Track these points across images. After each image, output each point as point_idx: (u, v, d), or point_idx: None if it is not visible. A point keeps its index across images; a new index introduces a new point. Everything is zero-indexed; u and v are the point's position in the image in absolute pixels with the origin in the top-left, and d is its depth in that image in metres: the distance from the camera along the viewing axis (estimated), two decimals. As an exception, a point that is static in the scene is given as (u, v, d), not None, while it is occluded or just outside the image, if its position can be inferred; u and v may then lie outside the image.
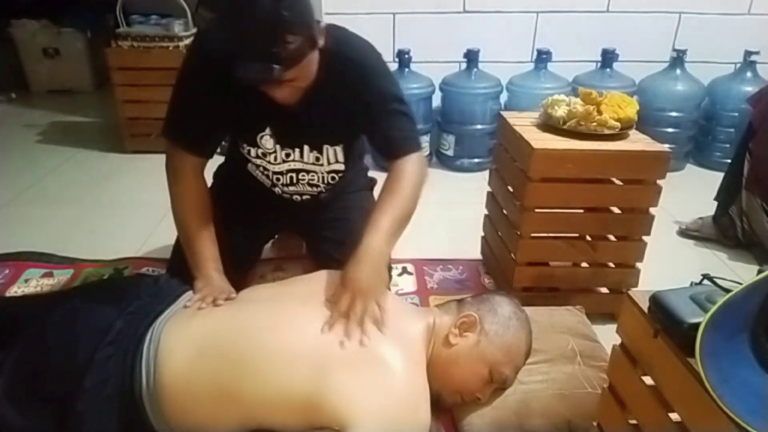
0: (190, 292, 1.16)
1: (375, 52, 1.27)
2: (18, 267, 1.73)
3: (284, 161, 1.34)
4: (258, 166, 1.36)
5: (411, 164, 1.25)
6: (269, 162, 1.34)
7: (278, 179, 1.38)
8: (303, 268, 1.41)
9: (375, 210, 1.20)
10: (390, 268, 1.55)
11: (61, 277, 1.69)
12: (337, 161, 1.36)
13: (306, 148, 1.32)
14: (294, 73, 1.06)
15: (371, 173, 1.64)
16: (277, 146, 1.31)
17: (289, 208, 1.44)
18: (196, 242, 1.26)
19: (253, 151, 1.33)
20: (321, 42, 1.11)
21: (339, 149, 1.34)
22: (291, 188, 1.40)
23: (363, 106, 1.23)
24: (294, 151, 1.32)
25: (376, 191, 1.62)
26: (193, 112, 1.23)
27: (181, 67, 1.24)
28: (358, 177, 1.55)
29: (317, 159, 1.34)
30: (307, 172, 1.36)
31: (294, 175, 1.37)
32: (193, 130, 1.26)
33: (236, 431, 0.99)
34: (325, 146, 1.32)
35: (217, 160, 1.47)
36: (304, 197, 1.43)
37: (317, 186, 1.40)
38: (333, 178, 1.39)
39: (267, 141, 1.30)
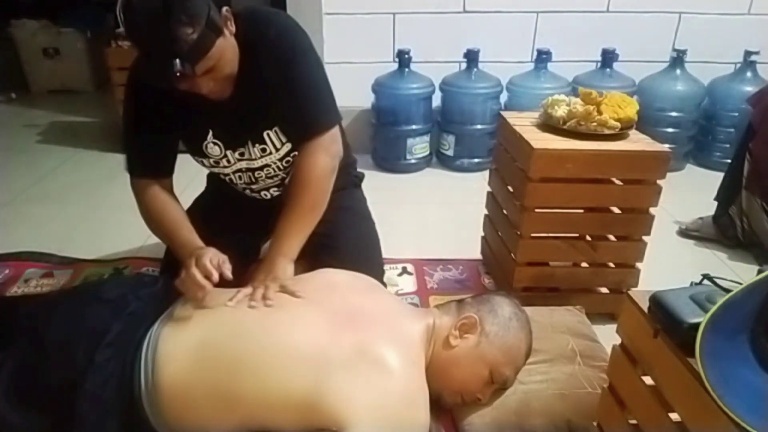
0: None
1: (291, 24, 1.23)
2: (18, 267, 1.73)
3: (238, 161, 1.33)
4: (219, 174, 1.37)
5: (320, 152, 1.23)
6: (224, 167, 1.34)
7: (239, 178, 1.38)
8: (301, 269, 1.40)
9: (281, 221, 1.22)
10: (382, 263, 1.54)
11: (61, 277, 1.69)
12: (282, 143, 1.31)
13: (249, 143, 1.30)
14: (205, 64, 1.06)
15: (360, 168, 1.63)
16: (227, 151, 1.30)
17: (266, 208, 1.42)
18: (177, 234, 1.23)
19: (206, 162, 1.33)
20: (232, 28, 1.11)
21: (278, 130, 1.29)
22: (254, 186, 1.40)
23: (285, 84, 1.21)
24: (236, 152, 1.31)
25: (365, 186, 1.63)
26: (146, 141, 1.25)
27: (123, 101, 1.25)
28: (344, 173, 1.50)
29: (263, 150, 1.31)
30: (260, 168, 1.35)
31: (250, 174, 1.36)
32: (152, 159, 1.27)
33: None
34: (265, 133, 1.29)
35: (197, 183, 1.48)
36: (272, 190, 1.42)
37: (277, 175, 1.38)
38: (288, 162, 1.36)
39: (212, 148, 1.30)
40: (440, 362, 1.10)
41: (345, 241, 1.40)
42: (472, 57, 2.49)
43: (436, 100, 2.62)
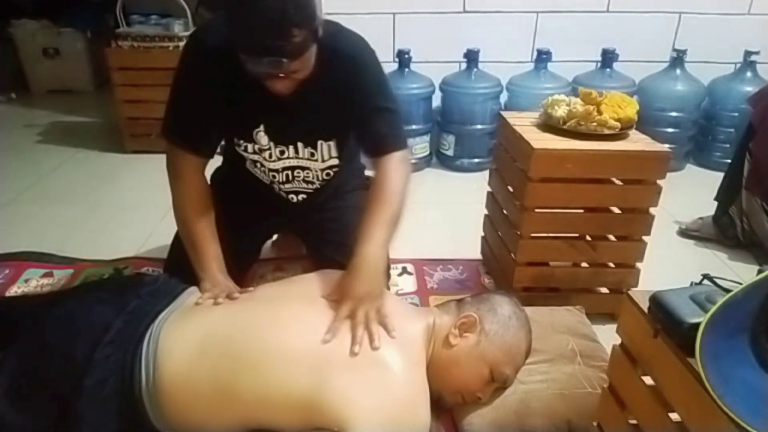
0: (189, 289, 1.16)
1: (368, 47, 1.26)
2: (18, 267, 1.73)
3: (279, 158, 1.34)
4: (256, 163, 1.36)
5: (395, 164, 1.25)
6: (266, 159, 1.34)
7: (275, 177, 1.38)
8: (303, 268, 1.41)
9: (366, 217, 1.21)
10: (389, 268, 1.56)
11: (61, 277, 1.69)
12: (331, 157, 1.35)
13: (300, 144, 1.32)
14: (297, 65, 1.08)
15: (367, 172, 1.63)
16: (271, 143, 1.31)
17: (285, 208, 1.44)
18: (199, 242, 1.26)
19: (250, 147, 1.33)
20: (320, 33, 1.11)
21: (333, 144, 1.33)
22: (287, 186, 1.40)
23: (353, 101, 1.23)
24: (288, 148, 1.32)
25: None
26: (191, 111, 1.24)
27: (177, 65, 1.24)
28: (354, 176, 1.54)
29: (312, 155, 1.34)
30: (302, 168, 1.36)
31: (290, 172, 1.37)
32: (192, 130, 1.26)
33: (236, 431, 0.99)
34: (320, 141, 1.32)
35: (214, 163, 1.48)
36: (300, 196, 1.42)
37: (312, 183, 1.40)
38: (328, 174, 1.39)
39: (262, 137, 1.30)
40: (440, 362, 1.10)
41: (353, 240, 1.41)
42: (472, 57, 2.49)
43: (436, 100, 2.62)
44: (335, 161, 1.36)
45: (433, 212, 2.18)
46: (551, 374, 1.20)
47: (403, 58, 2.49)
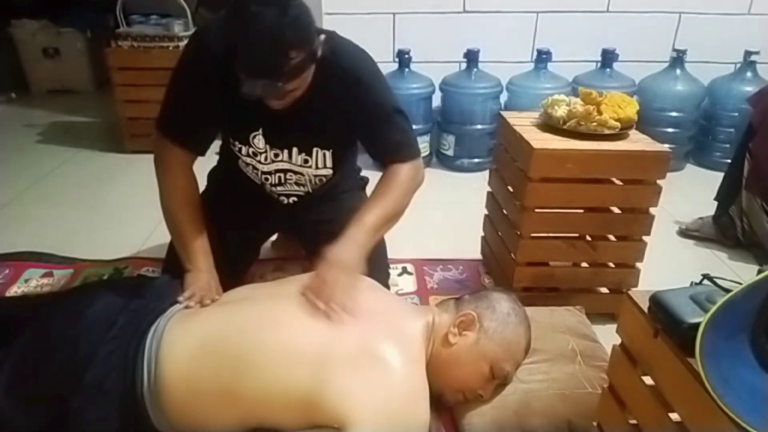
0: None
1: (370, 60, 1.27)
2: (18, 267, 1.73)
3: (273, 161, 1.34)
4: (248, 164, 1.37)
5: (405, 170, 1.27)
6: (259, 162, 1.34)
7: (267, 179, 1.38)
8: (303, 268, 1.41)
9: (364, 207, 1.22)
10: (388, 267, 1.56)
11: (61, 277, 1.69)
12: (325, 166, 1.36)
13: (295, 150, 1.32)
14: (294, 85, 1.09)
15: (365, 172, 1.64)
16: (267, 146, 1.31)
17: (279, 209, 1.44)
18: (186, 235, 1.26)
19: (244, 150, 1.33)
20: (319, 54, 1.12)
21: (329, 154, 1.34)
22: (279, 188, 1.40)
23: (358, 116, 1.24)
24: (282, 152, 1.32)
25: (369, 189, 1.63)
26: (187, 107, 1.24)
27: (177, 61, 1.24)
28: (349, 177, 1.53)
29: (305, 161, 1.34)
30: (295, 172, 1.36)
31: (282, 175, 1.37)
32: (186, 125, 1.26)
33: (236, 429, 0.99)
34: (315, 149, 1.32)
35: (211, 160, 1.48)
36: (292, 198, 1.42)
37: (304, 186, 1.40)
38: (321, 180, 1.39)
39: (259, 141, 1.30)
40: (440, 360, 1.10)
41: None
42: (472, 57, 2.49)
43: (436, 100, 2.62)
44: (329, 171, 1.37)
45: (433, 212, 2.18)
46: (551, 374, 1.20)
47: (403, 58, 2.49)
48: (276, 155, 1.33)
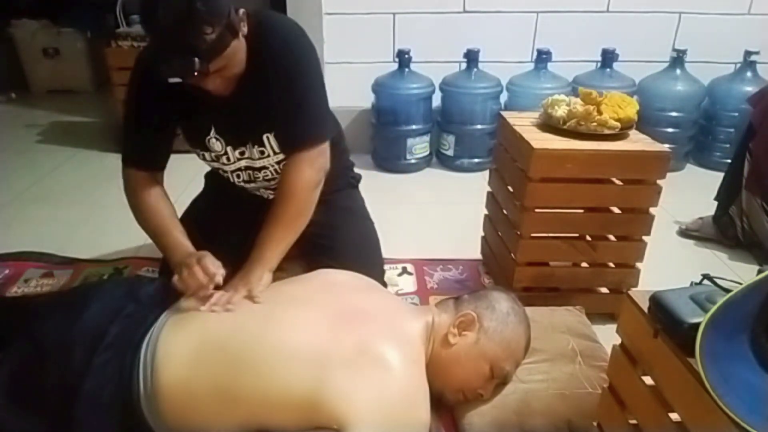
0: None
1: (300, 35, 1.23)
2: (18, 267, 1.73)
3: (238, 159, 1.33)
4: (218, 168, 1.37)
5: (305, 167, 1.24)
6: (223, 163, 1.34)
7: (238, 177, 1.38)
8: (303, 269, 1.41)
9: (265, 228, 1.23)
10: (382, 263, 1.54)
11: (61, 277, 1.69)
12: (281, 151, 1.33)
13: (249, 144, 1.30)
14: (218, 63, 1.08)
15: (358, 170, 1.63)
16: (228, 147, 1.31)
17: (265, 207, 1.43)
18: (164, 231, 1.24)
19: (207, 155, 1.33)
20: (245, 30, 1.11)
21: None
22: (251, 185, 1.40)
23: (283, 91, 1.21)
24: (236, 150, 1.32)
25: (365, 186, 1.62)
26: (141, 129, 1.25)
27: (126, 90, 1.26)
28: (340, 176, 1.51)
29: (262, 153, 1.32)
30: (258, 169, 1.35)
31: (250, 172, 1.37)
32: (144, 149, 1.27)
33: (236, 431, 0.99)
34: (265, 135, 1.29)
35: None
36: (269, 193, 1.42)
37: (274, 179, 1.38)
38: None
39: (214, 143, 1.30)
40: (440, 360, 1.10)
41: (344, 241, 1.40)
42: (472, 57, 2.49)
43: (436, 100, 2.61)
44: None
45: (433, 212, 2.18)
46: (551, 374, 1.20)
47: (403, 58, 2.49)
48: (242, 153, 1.32)
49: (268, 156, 1.32)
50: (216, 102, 1.19)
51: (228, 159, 1.33)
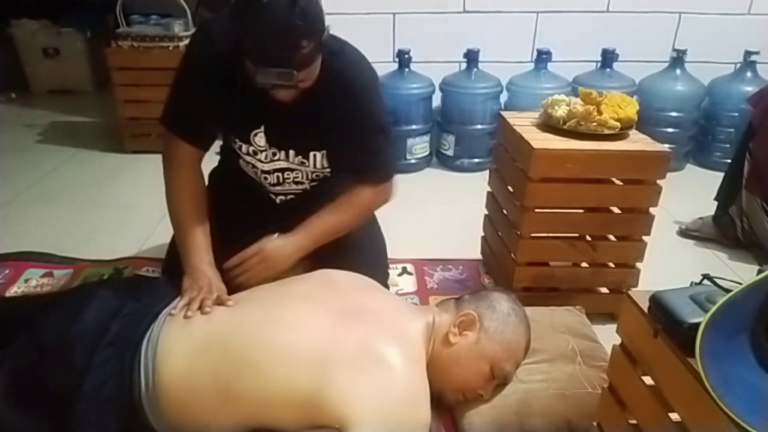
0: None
1: (370, 69, 1.28)
2: (18, 267, 1.73)
3: (272, 160, 1.34)
4: (248, 163, 1.37)
5: (368, 194, 1.33)
6: (259, 160, 1.34)
7: (266, 178, 1.38)
8: (303, 268, 1.41)
9: (319, 213, 1.30)
10: (387, 266, 1.57)
11: (61, 277, 1.69)
12: (323, 167, 1.36)
13: (291, 152, 1.32)
14: (304, 75, 1.09)
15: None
16: (272, 148, 1.31)
17: (276, 209, 1.43)
18: (188, 232, 1.25)
19: (244, 148, 1.33)
20: (330, 49, 1.13)
21: (324, 155, 1.34)
22: (277, 188, 1.40)
23: (346, 121, 1.24)
24: (280, 152, 1.32)
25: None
26: (192, 103, 1.24)
27: (183, 57, 1.25)
28: (347, 178, 1.53)
29: (302, 163, 1.34)
30: (292, 170, 1.36)
31: (280, 174, 1.37)
32: (191, 120, 1.26)
33: (237, 430, 0.99)
34: (312, 152, 1.32)
35: (213, 160, 1.48)
36: (289, 197, 1.42)
37: (302, 183, 1.39)
38: (318, 176, 1.39)
39: (260, 138, 1.30)
40: (441, 360, 1.10)
41: (351, 242, 1.40)
42: (472, 57, 2.49)
43: (436, 100, 2.62)
44: (326, 171, 1.37)
45: (433, 212, 2.18)
46: (551, 374, 1.20)
47: (403, 58, 2.49)
48: (274, 154, 1.33)
49: (308, 167, 1.35)
50: (273, 104, 1.19)
51: (266, 157, 1.33)
